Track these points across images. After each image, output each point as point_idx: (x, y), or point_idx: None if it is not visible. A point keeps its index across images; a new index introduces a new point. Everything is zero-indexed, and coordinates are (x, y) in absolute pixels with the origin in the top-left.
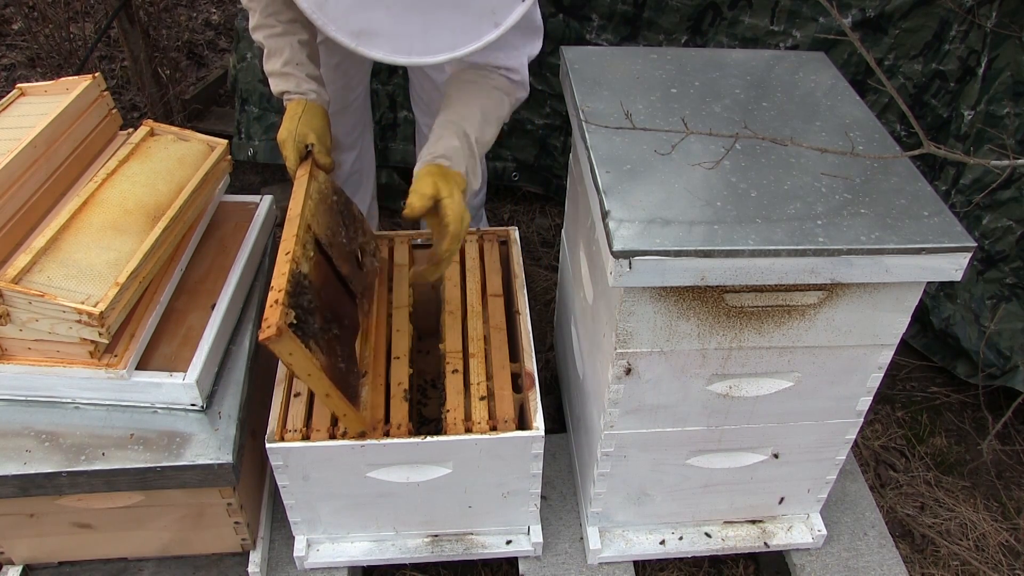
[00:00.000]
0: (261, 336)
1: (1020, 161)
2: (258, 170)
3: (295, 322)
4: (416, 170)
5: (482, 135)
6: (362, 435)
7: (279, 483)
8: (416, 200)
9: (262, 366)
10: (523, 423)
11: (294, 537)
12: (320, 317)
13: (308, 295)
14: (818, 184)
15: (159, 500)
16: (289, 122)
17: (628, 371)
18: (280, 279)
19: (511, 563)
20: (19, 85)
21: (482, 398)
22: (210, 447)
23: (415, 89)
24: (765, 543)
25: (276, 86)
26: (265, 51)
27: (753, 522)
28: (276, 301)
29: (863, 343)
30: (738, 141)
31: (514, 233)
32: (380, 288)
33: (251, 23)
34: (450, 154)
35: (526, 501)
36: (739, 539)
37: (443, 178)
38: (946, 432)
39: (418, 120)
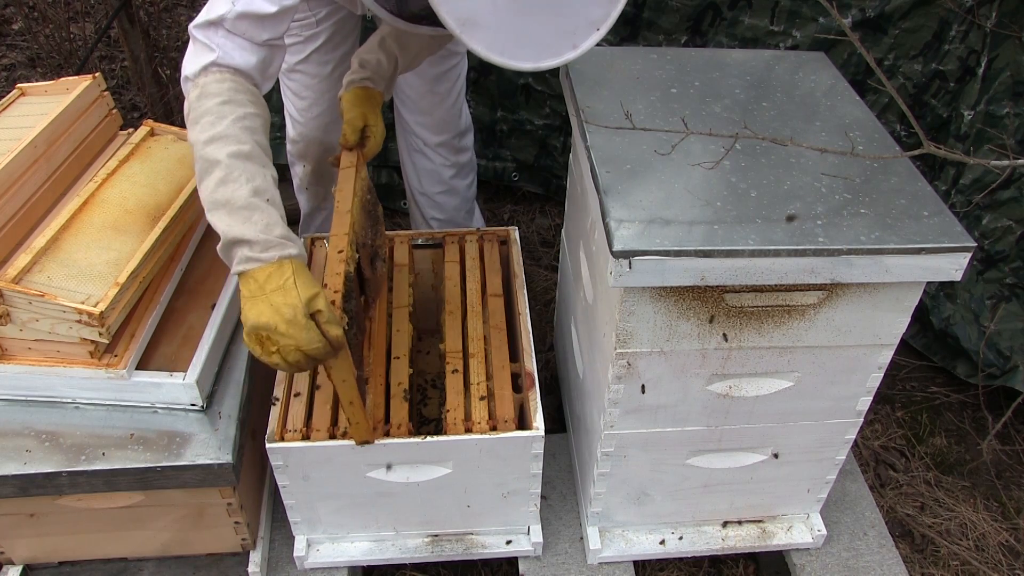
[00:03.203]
0: (339, 337)
1: (1020, 161)
2: None
3: (345, 328)
4: (343, 92)
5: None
6: (364, 443)
7: (279, 483)
8: (351, 135)
9: (262, 366)
10: (523, 423)
11: (294, 537)
12: (355, 324)
13: (353, 299)
14: (818, 184)
15: (159, 500)
16: (286, 296)
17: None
18: (335, 279)
19: (511, 563)
20: (19, 85)
21: (482, 398)
22: (210, 447)
23: (398, 85)
24: (765, 543)
25: (227, 226)
26: (221, 173)
27: (753, 522)
28: (333, 303)
29: (863, 343)
30: (738, 141)
31: (514, 233)
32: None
33: (206, 132)
34: (376, 74)
35: (526, 501)
36: (739, 539)
37: (368, 103)
38: (946, 432)
39: (403, 116)
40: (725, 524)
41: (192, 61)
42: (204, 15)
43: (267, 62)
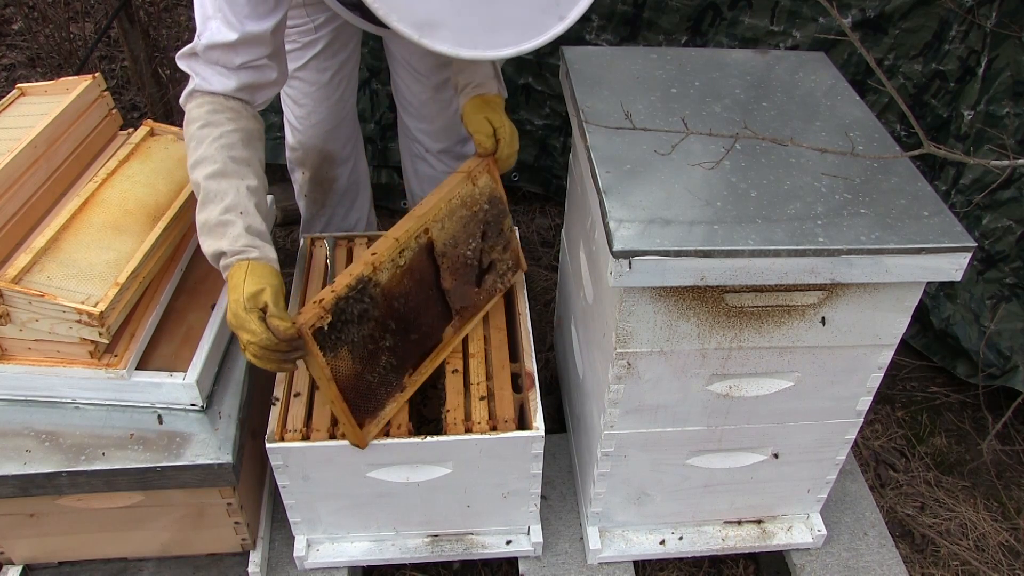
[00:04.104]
0: (284, 329)
1: (1020, 161)
2: None
3: (325, 328)
4: (462, 105)
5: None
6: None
7: (279, 483)
8: (485, 140)
9: None
10: (523, 423)
11: (294, 537)
12: (373, 326)
13: (367, 304)
14: (818, 184)
15: (159, 500)
16: (234, 293)
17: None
18: (345, 278)
19: (511, 563)
20: (19, 85)
21: (482, 398)
22: (210, 447)
23: (400, 90)
24: (765, 543)
25: (209, 246)
26: (201, 197)
27: (753, 522)
28: (321, 300)
29: (863, 343)
30: (738, 141)
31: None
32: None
33: (191, 158)
34: (483, 80)
35: (526, 501)
36: (739, 539)
37: (489, 107)
38: (946, 432)
39: (405, 122)
40: (725, 524)
41: (184, 90)
42: (187, 46)
43: (251, 83)
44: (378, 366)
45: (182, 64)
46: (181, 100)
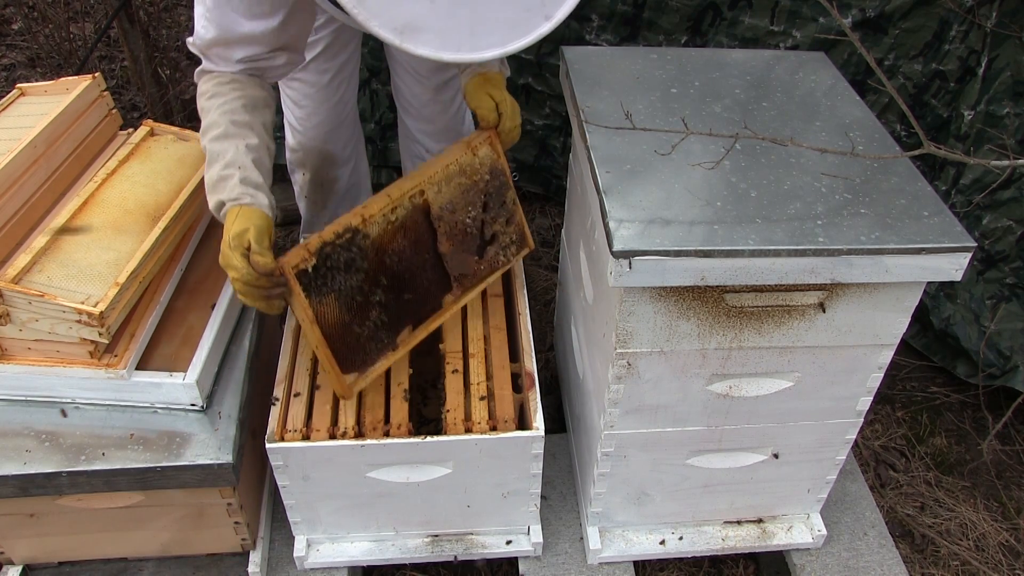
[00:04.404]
0: (263, 264)
1: (1020, 161)
2: None
3: (310, 270)
4: (464, 84)
5: None
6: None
7: (279, 483)
8: (487, 114)
9: (262, 366)
10: (523, 423)
11: (294, 537)
12: (362, 278)
13: (354, 253)
14: (818, 184)
15: (159, 500)
16: (225, 234)
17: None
18: (334, 226)
19: (511, 563)
20: (19, 85)
21: (482, 398)
22: (210, 447)
23: (400, 91)
24: (765, 543)
25: (212, 200)
26: (207, 159)
27: (753, 522)
28: (307, 244)
29: (863, 343)
30: (738, 141)
31: None
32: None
33: (202, 127)
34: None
35: (526, 501)
36: (739, 539)
37: (491, 84)
38: (946, 432)
39: (405, 123)
40: (725, 524)
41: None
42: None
43: (255, 69)
44: (368, 320)
45: (192, 49)
46: (195, 74)
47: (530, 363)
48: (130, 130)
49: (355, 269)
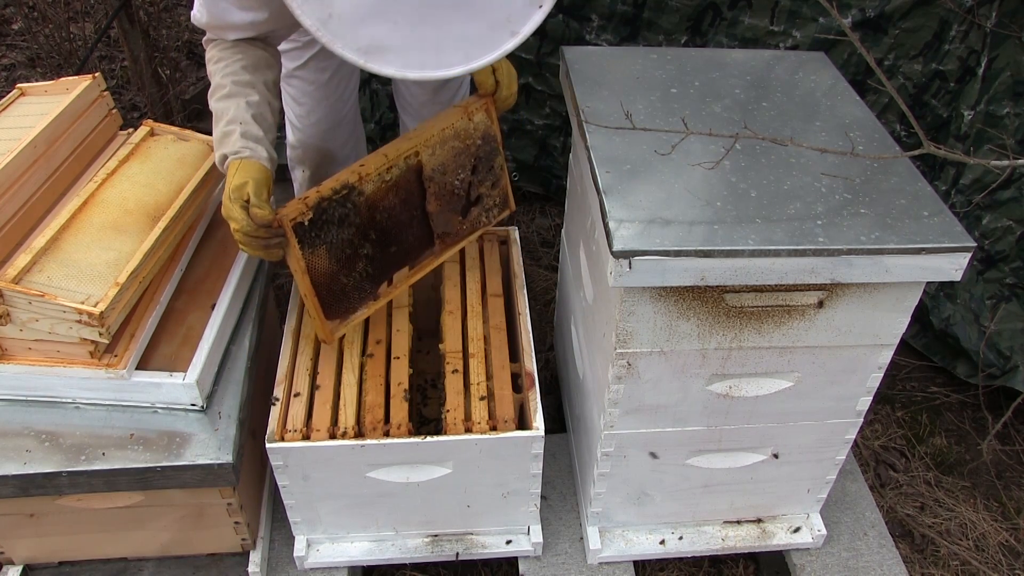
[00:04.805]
0: (261, 216)
1: (1020, 161)
2: None
3: (306, 223)
4: None
5: None
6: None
7: (279, 483)
8: (485, 79)
9: (262, 366)
10: (523, 423)
11: (294, 537)
12: (354, 232)
13: (349, 209)
14: (818, 184)
15: (159, 500)
16: (226, 187)
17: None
18: (331, 183)
19: (511, 563)
20: (19, 85)
21: (482, 398)
22: (210, 447)
23: (400, 92)
24: (765, 543)
25: (217, 155)
26: (214, 118)
27: (753, 522)
28: (305, 198)
29: (863, 343)
30: (738, 141)
31: (514, 233)
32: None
33: (210, 90)
34: None
35: (526, 501)
36: (739, 539)
37: None
38: (946, 432)
39: (405, 123)
40: (725, 524)
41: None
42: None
43: (256, 37)
44: (354, 271)
45: (193, 23)
46: (203, 41)
47: (530, 363)
48: (130, 130)
49: (348, 224)
